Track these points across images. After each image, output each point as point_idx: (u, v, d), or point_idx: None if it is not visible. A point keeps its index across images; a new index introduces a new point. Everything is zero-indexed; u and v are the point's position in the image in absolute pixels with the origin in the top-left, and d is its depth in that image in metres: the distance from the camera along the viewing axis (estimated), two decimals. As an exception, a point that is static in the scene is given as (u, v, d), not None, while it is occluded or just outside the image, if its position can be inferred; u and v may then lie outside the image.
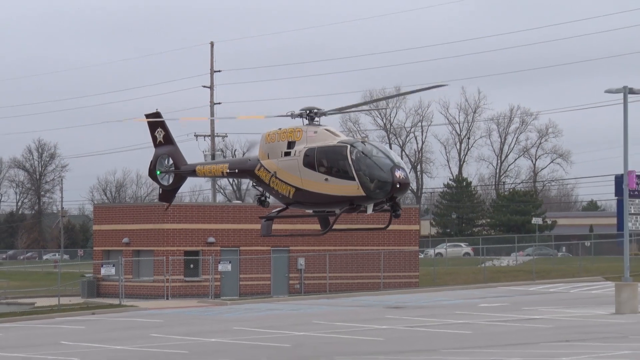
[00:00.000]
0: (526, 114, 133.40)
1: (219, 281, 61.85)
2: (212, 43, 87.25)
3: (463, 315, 46.10)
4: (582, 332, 36.89)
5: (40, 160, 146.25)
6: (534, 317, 44.27)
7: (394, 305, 53.24)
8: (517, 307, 50.31)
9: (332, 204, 28.41)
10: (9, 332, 45.24)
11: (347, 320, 45.30)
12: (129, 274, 62.33)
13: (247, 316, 49.61)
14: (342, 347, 34.67)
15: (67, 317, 52.35)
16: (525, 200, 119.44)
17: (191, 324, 46.29)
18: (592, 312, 46.03)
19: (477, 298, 56.90)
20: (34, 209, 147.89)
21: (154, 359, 32.57)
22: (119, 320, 49.79)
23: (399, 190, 27.15)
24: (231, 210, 68.04)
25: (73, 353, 35.50)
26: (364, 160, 27.16)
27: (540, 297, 56.83)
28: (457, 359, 28.84)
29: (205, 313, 52.77)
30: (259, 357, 32.15)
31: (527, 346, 32.69)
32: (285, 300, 60.13)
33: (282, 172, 28.66)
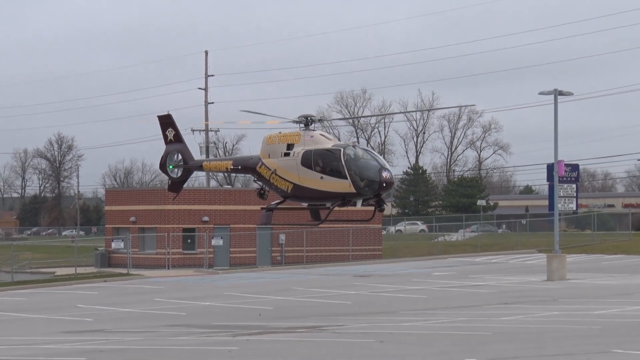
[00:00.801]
0: (472, 112, 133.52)
1: (212, 254, 61.88)
2: (207, 52, 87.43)
3: (419, 282, 46.25)
4: (518, 296, 37.06)
5: (60, 151, 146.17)
6: (479, 284, 44.45)
7: (360, 274, 53.34)
8: (465, 275, 50.51)
9: (325, 199, 28.32)
10: (32, 297, 45.11)
11: (321, 286, 45.38)
12: (136, 247, 62.27)
13: (236, 283, 49.63)
14: (316, 309, 34.74)
15: (82, 284, 52.22)
16: (472, 185, 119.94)
17: (189, 290, 46.29)
18: (527, 279, 46.26)
19: (431, 268, 57.08)
20: (54, 193, 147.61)
21: (157, 319, 32.53)
22: (127, 286, 49.72)
23: (385, 188, 27.18)
24: (222, 193, 68.12)
25: (88, 314, 35.44)
26: (355, 162, 27.10)
27: (484, 267, 57.07)
28: (414, 319, 28.93)
29: (200, 281, 52.76)
30: (250, 315, 32.21)
31: (472, 308, 32.82)
32: (269, 270, 60.17)
33: (282, 170, 28.56)
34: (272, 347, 22.48)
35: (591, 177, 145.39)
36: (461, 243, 78.93)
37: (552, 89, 48.00)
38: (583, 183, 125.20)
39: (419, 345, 21.17)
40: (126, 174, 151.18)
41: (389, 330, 25.60)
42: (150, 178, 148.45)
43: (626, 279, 44.75)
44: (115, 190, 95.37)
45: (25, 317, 35.69)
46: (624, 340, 20.86)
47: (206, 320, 31.65)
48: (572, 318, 27.31)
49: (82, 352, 22.48)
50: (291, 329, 27.11)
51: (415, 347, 20.73)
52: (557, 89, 47.89)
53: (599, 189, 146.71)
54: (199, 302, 38.90)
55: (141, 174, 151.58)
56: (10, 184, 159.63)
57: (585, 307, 31.24)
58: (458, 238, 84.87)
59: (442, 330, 25.24)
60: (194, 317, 32.88)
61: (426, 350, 20.03)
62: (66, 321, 33.18)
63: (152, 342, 24.59)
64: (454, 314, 30.32)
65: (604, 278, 46.00)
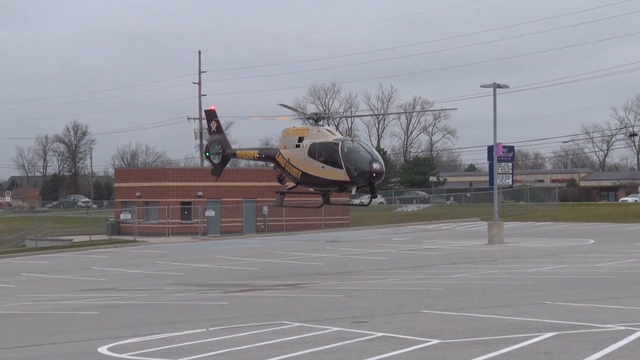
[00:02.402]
0: (425, 103, 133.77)
1: (206, 223, 61.70)
2: (200, 52, 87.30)
3: (381, 246, 46.37)
4: (464, 257, 37.23)
5: (75, 136, 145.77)
6: (431, 247, 44.62)
7: (331, 240, 53.39)
8: (419, 240, 50.69)
9: (327, 185, 28.06)
10: (53, 260, 44.81)
11: (298, 250, 45.40)
12: (141, 218, 61.98)
13: (226, 248, 49.54)
14: (294, 270, 34.75)
15: (96, 249, 51.93)
16: (425, 164, 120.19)
17: (186, 254, 46.15)
18: (471, 243, 46.46)
19: (391, 234, 57.23)
20: (71, 172, 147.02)
21: (160, 279, 32.42)
22: (134, 251, 49.49)
23: (375, 178, 26.79)
24: (214, 172, 67.75)
25: (100, 275, 35.27)
26: (350, 154, 26.87)
27: (435, 233, 57.31)
28: (377, 277, 28.99)
29: (196, 246, 52.60)
30: (238, 275, 32.20)
31: (426, 267, 32.94)
32: (254, 237, 60.10)
33: (293, 159, 28.35)
34: (257, 301, 22.45)
35: (524, 157, 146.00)
36: (416, 213, 79.23)
37: (492, 83, 48.13)
38: (517, 162, 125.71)
39: (382, 299, 21.21)
40: (132, 156, 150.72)
41: (356, 287, 25.62)
42: (153, 159, 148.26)
43: (554, 242, 45.07)
44: (123, 169, 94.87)
45: (47, 278, 35.47)
46: (552, 293, 21.00)
47: (201, 279, 31.58)
48: (510, 275, 27.45)
49: (96, 307, 22.35)
50: (274, 286, 27.08)
51: (378, 301, 20.77)
52: (496, 83, 48.02)
53: (530, 166, 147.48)
54: (195, 264, 38.81)
55: (145, 156, 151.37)
56: (34, 165, 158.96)
57: (520, 266, 31.41)
58: (413, 209, 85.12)
59: (401, 286, 25.29)
60: (191, 277, 32.81)
61: (387, 303, 20.07)
62: (82, 281, 33.00)
63: (155, 298, 24.49)
64: (410, 273, 30.43)
65: (536, 241, 46.30)
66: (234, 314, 19.08)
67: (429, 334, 14.19)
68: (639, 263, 30.51)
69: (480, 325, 15.09)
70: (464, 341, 13.34)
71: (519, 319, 15.84)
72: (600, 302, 18.60)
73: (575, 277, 25.80)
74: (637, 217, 60.97)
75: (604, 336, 13.40)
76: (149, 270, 36.77)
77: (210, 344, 13.97)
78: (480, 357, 11.78)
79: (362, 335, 14.27)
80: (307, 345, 13.38)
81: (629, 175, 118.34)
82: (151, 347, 13.97)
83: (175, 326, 16.78)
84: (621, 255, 34.33)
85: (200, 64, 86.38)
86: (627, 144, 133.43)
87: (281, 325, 16.12)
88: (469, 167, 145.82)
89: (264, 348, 13.35)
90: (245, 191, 64.38)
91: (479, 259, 35.67)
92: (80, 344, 14.89)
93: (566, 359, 11.45)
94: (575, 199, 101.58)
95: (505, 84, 48.84)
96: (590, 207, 76.00)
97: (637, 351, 12.01)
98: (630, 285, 22.66)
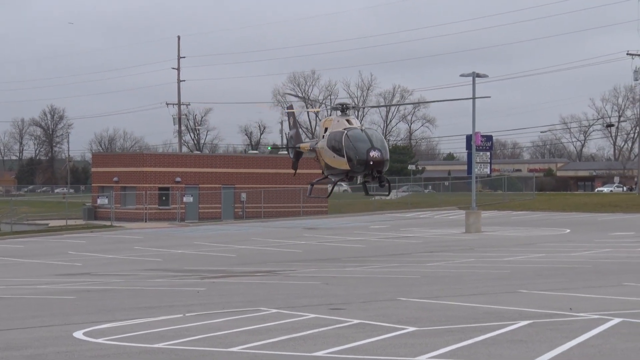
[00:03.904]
0: (404, 91, 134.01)
1: (184, 209, 61.56)
2: (179, 37, 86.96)
3: (359, 234, 46.46)
4: (442, 245, 37.39)
5: (52, 120, 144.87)
6: (409, 235, 44.78)
7: (309, 227, 53.43)
8: (397, 228, 50.83)
9: (339, 175, 27.88)
10: (29, 245, 44.53)
11: (276, 237, 45.40)
12: (118, 203, 61.72)
13: (204, 234, 49.45)
14: (272, 256, 34.77)
15: (72, 234, 51.66)
16: (403, 152, 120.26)
17: (163, 239, 46.01)
18: (449, 232, 46.68)
19: (369, 222, 57.36)
20: (47, 156, 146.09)
21: (137, 264, 32.33)
22: (111, 236, 49.28)
23: (373, 167, 25.97)
24: (193, 158, 67.76)
25: (77, 260, 35.10)
26: (351, 142, 26.55)
27: (413, 221, 57.52)
28: (355, 265, 29.08)
29: (173, 232, 52.46)
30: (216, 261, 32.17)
31: (403, 255, 33.05)
32: (232, 223, 60.02)
33: (320, 150, 28.22)
34: (234, 287, 22.45)
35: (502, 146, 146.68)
36: (394, 201, 79.39)
37: (471, 72, 48.23)
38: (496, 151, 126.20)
39: (359, 287, 21.28)
40: (110, 141, 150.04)
41: (334, 274, 25.68)
42: (131, 144, 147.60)
43: (530, 232, 45.38)
44: (101, 154, 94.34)
45: (23, 262, 35.24)
46: (528, 282, 21.16)
47: (178, 265, 31.51)
48: (486, 264, 27.61)
49: (72, 292, 22.25)
50: (251, 273, 27.08)
51: (355, 288, 20.83)
52: (475, 72, 48.14)
53: (508, 156, 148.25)
54: (172, 250, 38.70)
55: (123, 141, 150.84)
56: (10, 148, 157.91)
57: (496, 254, 31.59)
58: (392, 197, 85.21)
59: (378, 274, 25.38)
60: (168, 263, 32.73)
61: (364, 290, 20.14)
62: (58, 265, 32.82)
63: (132, 284, 24.42)
64: (388, 261, 30.53)
65: (512, 230, 46.59)
66: (211, 300, 19.07)
67: (405, 321, 14.26)
68: (614, 253, 30.81)
69: (456, 313, 15.19)
70: (440, 329, 13.42)
71: (494, 307, 15.95)
72: (575, 291, 18.77)
73: (550, 266, 26.01)
74: (613, 207, 61.53)
75: (579, 324, 13.53)
76: (126, 255, 36.63)
77: (186, 330, 13.97)
78: (455, 344, 11.86)
79: (338, 322, 14.32)
80: (283, 332, 13.41)
81: (606, 166, 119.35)
82: (127, 332, 13.94)
83: (151, 311, 16.75)
84: (596, 245, 34.64)
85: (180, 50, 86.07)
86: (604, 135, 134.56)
87: (258, 312, 16.14)
88: (447, 156, 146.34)
89: (241, 334, 13.36)
90: (224, 177, 64.26)
91: (456, 248, 35.83)
92: (55, 328, 14.83)
93: (541, 347, 11.55)
94: (552, 189, 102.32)
95: (484, 73, 48.99)
96: (567, 197, 76.58)
97: (610, 339, 12.14)
98: (604, 275, 22.88)
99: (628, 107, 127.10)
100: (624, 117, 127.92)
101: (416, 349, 11.60)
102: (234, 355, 11.56)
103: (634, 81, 74.76)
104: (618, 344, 11.80)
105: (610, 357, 10.92)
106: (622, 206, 61.76)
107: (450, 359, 10.97)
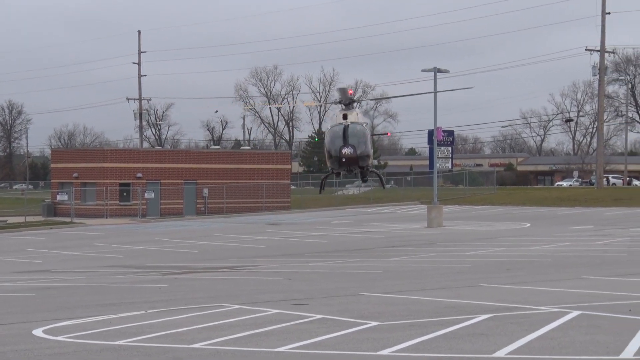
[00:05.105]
0: (367, 86, 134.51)
1: (145, 205, 61.13)
2: (139, 31, 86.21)
3: (321, 229, 46.50)
4: (404, 240, 37.55)
5: (11, 115, 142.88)
6: (371, 230, 44.91)
7: (272, 222, 53.35)
8: (359, 223, 50.96)
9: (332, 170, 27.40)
10: (-13, 243, 43.87)
11: (238, 233, 45.27)
12: (78, 199, 61.12)
13: (165, 230, 49.15)
14: (234, 252, 34.68)
15: (31, 231, 51.03)
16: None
17: (124, 236, 45.65)
18: (411, 226, 46.90)
19: (331, 217, 57.44)
20: (6, 152, 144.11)
21: (97, 260, 32.03)
22: (70, 233, 48.77)
23: (345, 164, 25.74)
24: (154, 153, 67.26)
25: (36, 257, 34.68)
26: (328, 138, 26.37)
27: (376, 216, 57.70)
28: (317, 260, 29.10)
29: (135, 228, 52.06)
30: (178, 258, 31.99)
31: (365, 250, 33.15)
32: (194, 219, 59.73)
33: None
34: (196, 284, 22.36)
35: (464, 141, 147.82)
36: (357, 196, 79.63)
37: (432, 67, 48.49)
38: (457, 146, 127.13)
39: (321, 282, 21.31)
40: (70, 136, 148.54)
41: (297, 269, 25.69)
42: (91, 140, 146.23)
43: (491, 226, 45.76)
44: (60, 150, 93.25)
45: (-20, 260, 34.71)
46: (489, 276, 21.36)
47: (140, 261, 31.29)
48: (448, 258, 27.81)
49: (32, 289, 21.99)
50: (213, 269, 26.99)
51: (318, 283, 20.86)
52: (436, 67, 48.39)
53: (470, 151, 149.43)
54: (133, 247, 38.41)
55: (83, 136, 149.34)
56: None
57: (458, 249, 31.83)
58: (354, 192, 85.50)
59: (340, 269, 25.44)
60: (129, 259, 32.49)
61: (327, 286, 20.18)
62: (17, 263, 32.40)
63: (93, 280, 24.20)
64: (350, 256, 30.60)
65: (474, 225, 46.95)
66: (172, 296, 18.97)
67: (367, 316, 14.32)
68: (573, 246, 31.22)
69: (418, 308, 15.29)
70: (402, 323, 13.50)
71: (456, 301, 16.08)
72: (535, 285, 19.00)
73: (511, 260, 26.27)
74: (572, 202, 62.33)
75: (538, 317, 13.70)
76: (86, 252, 36.28)
77: (148, 327, 13.88)
78: (417, 338, 11.94)
79: (301, 318, 14.33)
80: (246, 328, 13.39)
81: (565, 160, 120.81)
82: (88, 329, 13.82)
83: (112, 308, 16.62)
84: (556, 239, 35.06)
85: (140, 44, 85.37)
86: (563, 129, 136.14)
87: (220, 308, 16.10)
88: (409, 151, 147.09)
89: (203, 330, 13.32)
90: (186, 173, 63.93)
91: (418, 242, 36.02)
92: (14, 326, 14.65)
93: (501, 340, 11.68)
94: (513, 183, 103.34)
95: (445, 68, 49.27)
96: (527, 191, 77.39)
97: (569, 332, 12.31)
98: (564, 268, 23.18)
99: (587, 102, 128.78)
100: (582, 112, 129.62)
101: (378, 344, 11.66)
102: (196, 352, 11.51)
103: (592, 76, 75.74)
104: (577, 336, 11.97)
105: (569, 349, 11.07)
106: (581, 200, 62.59)
107: (412, 353, 11.04)
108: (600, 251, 28.69)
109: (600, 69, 72.08)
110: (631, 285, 18.56)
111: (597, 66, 71.99)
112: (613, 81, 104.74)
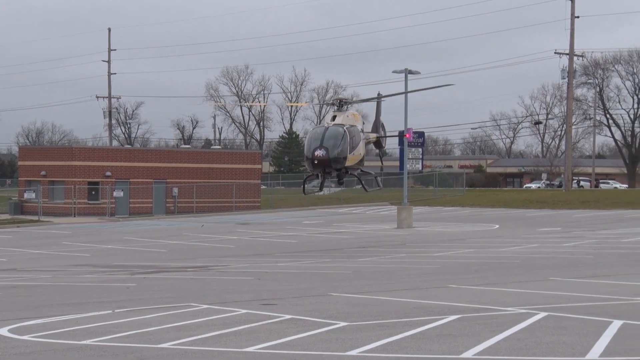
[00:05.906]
0: (338, 87, 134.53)
1: (114, 204, 60.70)
2: (109, 29, 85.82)
3: (291, 229, 46.49)
4: (374, 241, 37.65)
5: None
6: (341, 231, 44.98)
7: (242, 222, 53.24)
8: (330, 223, 51.03)
9: None
10: (-48, 241, 43.28)
11: (208, 232, 45.11)
12: (46, 197, 60.57)
13: (134, 229, 48.84)
14: (204, 251, 34.54)
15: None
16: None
17: (93, 235, 45.30)
18: (381, 227, 47.03)
19: (302, 217, 57.45)
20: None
21: (65, 259, 31.74)
22: (38, 231, 48.29)
23: (318, 165, 25.46)
24: (123, 152, 66.78)
25: (2, 255, 34.29)
26: (307, 140, 26.15)
27: (346, 217, 57.79)
28: (287, 260, 29.07)
29: (103, 227, 51.68)
30: (146, 257, 31.79)
31: (335, 251, 33.18)
32: (163, 218, 59.44)
33: None
34: (165, 283, 22.24)
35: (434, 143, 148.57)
36: (327, 196, 79.60)
37: (403, 68, 48.67)
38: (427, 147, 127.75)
39: (291, 282, 21.30)
40: (38, 134, 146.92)
41: (266, 269, 25.65)
42: (59, 138, 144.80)
43: (460, 227, 46.01)
44: (28, 147, 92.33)
45: (-55, 258, 34.25)
46: (457, 277, 21.47)
47: (108, 261, 31.06)
48: (417, 259, 27.92)
49: (-3, 289, 21.73)
50: (182, 268, 26.86)
51: (287, 283, 20.85)
52: (407, 68, 48.59)
53: (440, 152, 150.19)
54: (101, 246, 38.13)
55: (51, 134, 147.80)
56: None
57: (428, 250, 31.97)
58: (325, 192, 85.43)
59: (310, 269, 25.43)
60: (97, 258, 32.24)
61: (296, 286, 20.17)
62: (-17, 262, 32.00)
63: (60, 280, 23.99)
64: (320, 256, 30.61)
65: (443, 226, 47.18)
66: (140, 295, 18.86)
67: (336, 316, 14.34)
68: (541, 248, 31.49)
69: (387, 308, 15.33)
70: (371, 323, 13.54)
71: (424, 302, 16.15)
72: (503, 286, 19.13)
73: (480, 261, 26.44)
74: (540, 204, 62.86)
75: (506, 319, 13.80)
76: (53, 250, 35.95)
77: (115, 326, 13.79)
78: (386, 339, 11.98)
79: (270, 318, 14.32)
80: (214, 328, 13.35)
81: (534, 162, 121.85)
82: (55, 328, 13.70)
83: (80, 308, 16.49)
84: (524, 240, 35.34)
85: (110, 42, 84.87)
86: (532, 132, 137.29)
87: (189, 307, 16.03)
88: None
89: (171, 330, 13.25)
90: (155, 172, 63.58)
91: (388, 243, 36.12)
92: (-21, 326, 14.47)
93: (469, 341, 11.75)
94: (482, 185, 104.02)
95: (416, 70, 49.46)
96: (496, 193, 77.92)
97: (536, 333, 12.42)
98: (532, 270, 23.37)
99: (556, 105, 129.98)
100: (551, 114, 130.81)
101: (347, 344, 11.68)
102: (164, 352, 11.45)
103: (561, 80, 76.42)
104: (544, 337, 12.08)
105: (536, 350, 11.17)
106: (549, 202, 63.13)
107: (380, 353, 11.08)
108: (568, 253, 28.96)
109: (569, 72, 72.78)
110: (598, 287, 18.77)
111: (566, 69, 72.68)
112: (582, 84, 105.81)
